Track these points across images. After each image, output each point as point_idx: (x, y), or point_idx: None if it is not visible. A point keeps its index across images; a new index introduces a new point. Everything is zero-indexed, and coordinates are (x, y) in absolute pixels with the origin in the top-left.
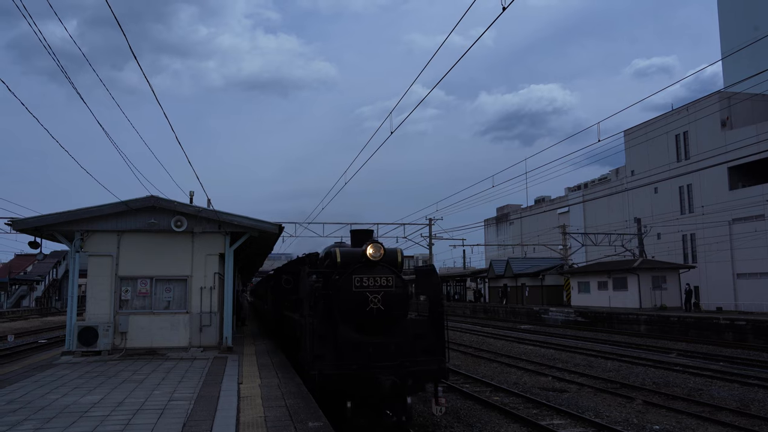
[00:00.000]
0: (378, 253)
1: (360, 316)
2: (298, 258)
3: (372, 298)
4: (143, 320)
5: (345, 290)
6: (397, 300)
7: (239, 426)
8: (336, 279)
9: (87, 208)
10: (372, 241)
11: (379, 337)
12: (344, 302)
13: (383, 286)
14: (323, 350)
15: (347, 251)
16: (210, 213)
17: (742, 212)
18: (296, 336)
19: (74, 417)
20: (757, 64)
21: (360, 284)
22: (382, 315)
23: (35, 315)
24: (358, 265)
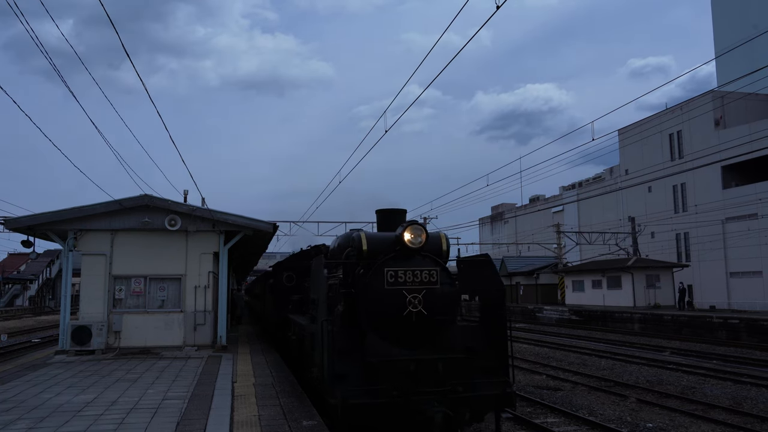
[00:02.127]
0: (419, 238)
1: (395, 322)
2: (302, 251)
3: (411, 298)
4: (137, 319)
5: (374, 288)
6: (444, 300)
7: (233, 425)
8: (361, 273)
9: (80, 207)
10: (410, 222)
11: (422, 351)
12: (373, 304)
13: (425, 283)
14: (346, 368)
15: (376, 236)
16: (204, 212)
17: (735, 211)
18: (304, 345)
19: (67, 416)
20: (751, 64)
21: (395, 280)
22: (425, 321)
23: (29, 314)
24: (392, 254)
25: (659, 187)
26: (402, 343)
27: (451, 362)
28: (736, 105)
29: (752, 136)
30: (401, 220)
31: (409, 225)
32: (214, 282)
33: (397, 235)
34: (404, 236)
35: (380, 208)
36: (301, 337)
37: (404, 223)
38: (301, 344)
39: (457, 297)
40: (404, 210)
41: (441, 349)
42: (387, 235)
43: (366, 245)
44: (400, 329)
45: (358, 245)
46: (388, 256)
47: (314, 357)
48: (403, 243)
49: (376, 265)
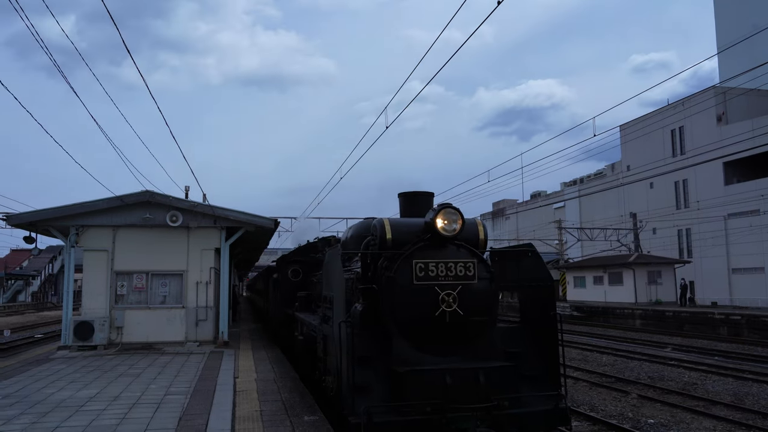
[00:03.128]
0: (453, 224)
1: (425, 323)
2: (309, 243)
3: (444, 295)
4: (139, 315)
5: (401, 284)
6: (483, 298)
7: (235, 420)
8: (384, 266)
9: (82, 203)
10: (443, 206)
11: (457, 358)
12: (400, 302)
13: (461, 277)
14: (368, 379)
15: (402, 223)
16: (205, 208)
17: (737, 207)
18: (314, 348)
19: (70, 411)
20: (753, 59)
21: (425, 274)
22: (461, 322)
23: (31, 310)
24: (421, 244)
25: (661, 183)
26: (433, 349)
27: (495, 372)
28: (738, 101)
29: (754, 132)
30: (428, 205)
31: (442, 209)
32: (215, 278)
33: (427, 221)
34: (436, 222)
35: (404, 191)
36: (310, 338)
37: (436, 207)
38: (310, 347)
39: (496, 294)
40: (431, 193)
41: (480, 355)
42: (414, 221)
43: (390, 233)
44: (432, 332)
45: (381, 233)
46: (417, 246)
47: (327, 363)
48: (435, 230)
49: (403, 256)
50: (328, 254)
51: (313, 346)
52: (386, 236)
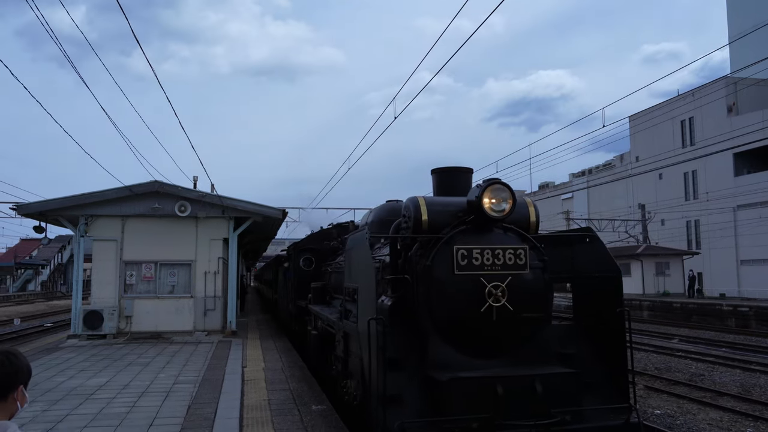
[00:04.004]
0: (503, 203)
1: (469, 321)
2: (323, 230)
3: (491, 287)
4: (148, 304)
5: (439, 274)
6: (536, 291)
7: (243, 408)
8: (419, 253)
9: (91, 193)
10: (491, 181)
11: (505, 363)
12: (439, 296)
13: (510, 266)
14: (401, 387)
15: (440, 202)
16: (214, 198)
17: (747, 198)
18: (332, 347)
19: (81, 399)
20: (765, 49)
21: (468, 262)
22: (510, 320)
23: (41, 299)
24: (463, 227)
25: (670, 175)
26: (477, 351)
27: (554, 379)
28: (749, 91)
29: (765, 122)
30: (467, 184)
31: (489, 185)
32: (223, 268)
33: (470, 199)
34: (483, 200)
35: (438, 167)
36: (326, 334)
37: (481, 182)
38: (326, 343)
39: (550, 286)
40: (470, 169)
41: (532, 359)
42: (454, 200)
43: (426, 214)
44: (476, 331)
45: (415, 214)
46: (458, 230)
47: (349, 365)
48: (481, 210)
49: (442, 241)
50: (352, 239)
51: (329, 343)
52: (421, 217)
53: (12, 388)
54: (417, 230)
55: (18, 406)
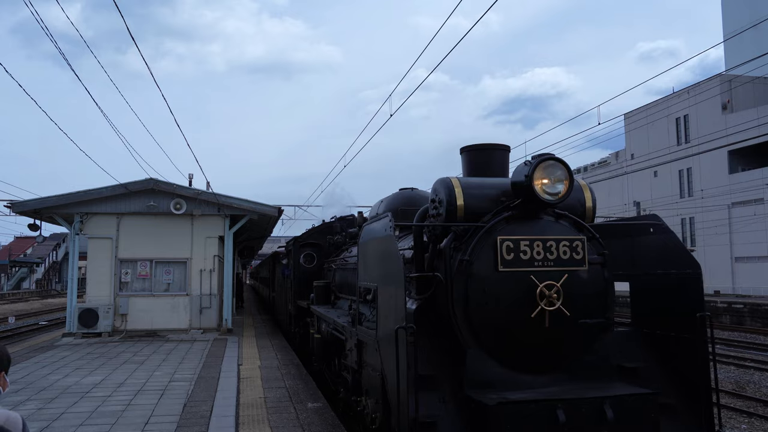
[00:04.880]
0: (559, 184)
1: (516, 329)
2: (325, 223)
3: (543, 288)
4: (143, 302)
5: (480, 271)
6: (596, 292)
7: (239, 407)
8: (452, 246)
9: (86, 191)
10: (542, 157)
11: (560, 379)
12: (479, 298)
13: (566, 262)
14: (434, 412)
15: (477, 184)
16: (209, 196)
17: (741, 196)
18: (339, 353)
19: (76, 397)
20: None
21: (515, 257)
22: (566, 327)
23: (35, 297)
24: (506, 214)
25: (665, 172)
26: (527, 366)
27: (629, 402)
28: (743, 89)
29: (759, 120)
30: (504, 164)
31: (542, 160)
32: (219, 266)
33: (517, 180)
34: (534, 179)
35: (470, 145)
36: (333, 340)
37: (531, 159)
38: (333, 350)
39: (612, 285)
40: (507, 147)
41: (592, 375)
42: (494, 181)
43: (462, 198)
44: (525, 341)
45: (449, 198)
46: (502, 216)
47: (364, 379)
48: (532, 193)
49: (483, 231)
50: (368, 230)
51: (336, 349)
52: (456, 202)
53: None
54: (451, 218)
55: (0, 390)
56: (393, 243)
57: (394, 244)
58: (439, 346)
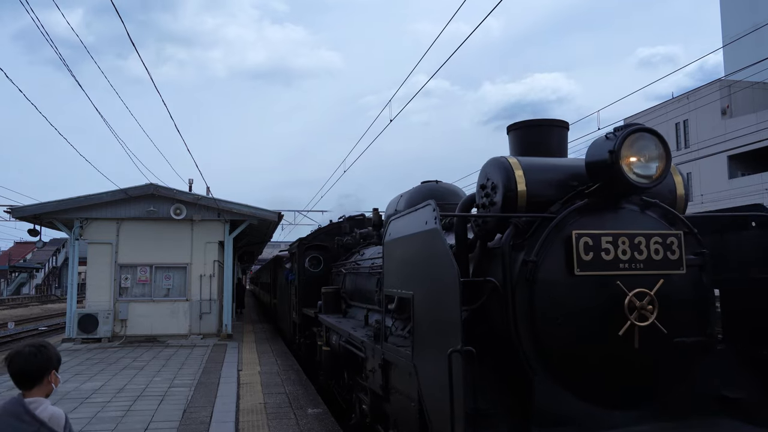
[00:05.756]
0: (653, 163)
1: (598, 352)
2: (333, 224)
3: (632, 298)
4: (143, 308)
5: (550, 277)
6: (695, 303)
7: (239, 412)
8: (511, 243)
9: (86, 196)
10: (631, 128)
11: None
12: (549, 311)
13: (660, 264)
14: None
15: (541, 166)
16: (209, 201)
17: (741, 201)
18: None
19: (75, 403)
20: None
21: (594, 257)
22: (661, 348)
23: (35, 302)
24: (581, 203)
25: None
26: (610, 397)
27: None
28: (743, 94)
29: (759, 125)
30: (563, 143)
31: (631, 131)
32: (219, 271)
33: (597, 159)
34: (621, 157)
35: (521, 121)
36: (347, 355)
37: (617, 131)
38: (344, 365)
39: (712, 293)
40: (566, 123)
41: (688, 409)
42: (562, 162)
43: (524, 182)
44: (609, 366)
45: (506, 182)
46: (575, 206)
47: (391, 406)
48: (618, 174)
49: (552, 224)
50: (395, 226)
51: (350, 366)
52: (516, 187)
53: (46, 373)
54: (509, 207)
55: (53, 386)
56: (440, 238)
57: (441, 240)
58: (494, 373)
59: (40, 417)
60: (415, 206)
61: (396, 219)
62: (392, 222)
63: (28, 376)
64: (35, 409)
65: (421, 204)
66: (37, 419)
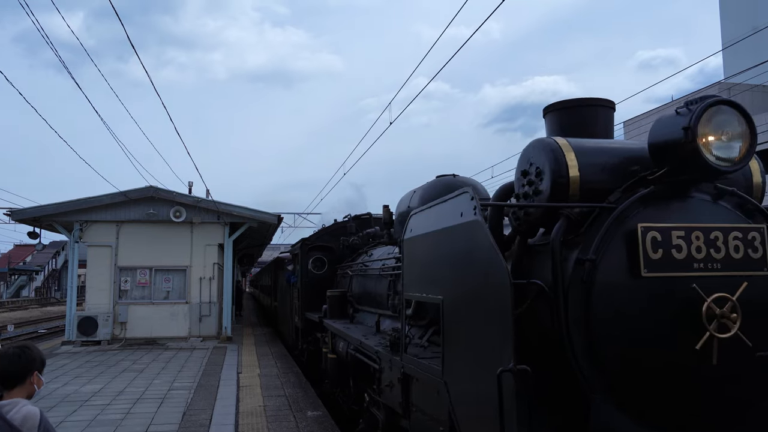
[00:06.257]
0: (735, 144)
1: (670, 369)
2: (337, 223)
3: (710, 305)
4: (143, 310)
5: (611, 278)
6: None
7: (239, 415)
8: (561, 240)
9: (86, 199)
10: (709, 99)
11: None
12: (611, 320)
13: (740, 264)
14: None
15: (596, 148)
16: (209, 203)
17: None
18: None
19: (75, 405)
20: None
21: (664, 256)
22: (745, 366)
23: (35, 305)
24: (644, 191)
25: None
26: (683, 423)
27: None
28: (742, 97)
29: (759, 128)
30: (609, 126)
31: (709, 105)
32: (219, 273)
33: (670, 137)
34: (700, 137)
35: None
36: (352, 362)
37: (688, 104)
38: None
39: None
40: (612, 103)
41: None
42: (620, 144)
43: (577, 166)
44: (683, 388)
45: (556, 167)
46: (638, 195)
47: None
48: (695, 155)
49: (613, 215)
50: (416, 220)
51: (358, 375)
52: (568, 173)
53: (29, 374)
54: (559, 195)
55: (35, 388)
56: (483, 231)
57: (484, 233)
58: (543, 390)
59: (11, 420)
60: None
61: (418, 213)
62: (414, 216)
63: (12, 377)
64: (7, 412)
65: (455, 192)
66: (7, 423)
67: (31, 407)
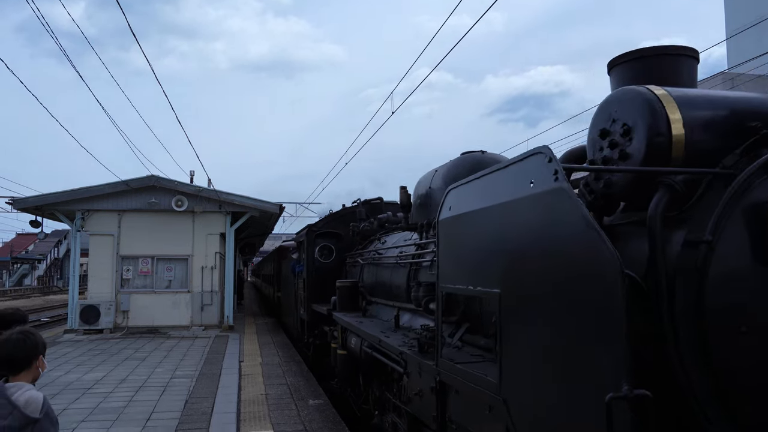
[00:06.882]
0: None
1: None
2: (346, 209)
3: None
4: (145, 299)
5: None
6: None
7: (241, 403)
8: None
9: (88, 188)
10: None
11: None
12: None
13: None
14: None
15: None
16: (211, 193)
17: None
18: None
19: (78, 393)
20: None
21: None
22: None
23: (37, 293)
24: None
25: None
26: None
27: None
28: (746, 87)
29: None
30: (692, 77)
31: None
32: (220, 263)
33: None
34: None
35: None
36: (365, 359)
37: None
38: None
39: None
40: (696, 51)
41: None
42: (732, 96)
43: (682, 124)
44: None
45: (653, 122)
46: (763, 158)
47: None
48: None
49: (734, 185)
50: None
51: (371, 373)
52: (670, 132)
53: (34, 358)
54: (656, 158)
55: (39, 371)
56: (570, 201)
57: (574, 203)
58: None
59: (16, 401)
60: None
61: (460, 186)
62: (453, 191)
63: (18, 362)
64: (12, 394)
65: (519, 155)
66: (11, 403)
67: (35, 392)
